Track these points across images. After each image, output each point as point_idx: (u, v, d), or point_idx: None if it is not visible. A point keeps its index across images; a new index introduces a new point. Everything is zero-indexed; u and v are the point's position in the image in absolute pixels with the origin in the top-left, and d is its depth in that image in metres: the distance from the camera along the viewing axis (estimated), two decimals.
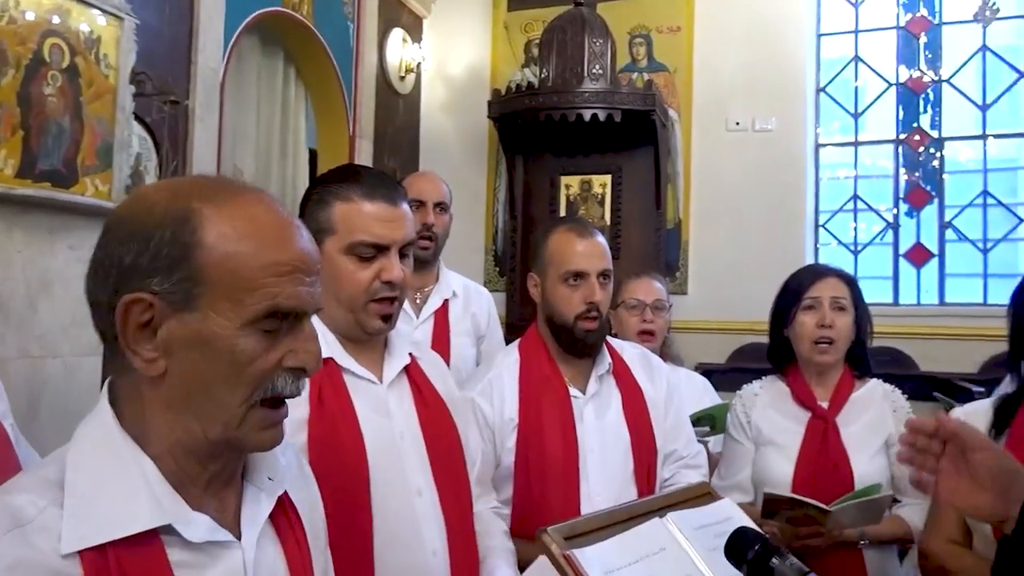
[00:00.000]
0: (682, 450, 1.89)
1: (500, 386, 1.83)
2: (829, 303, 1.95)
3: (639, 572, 1.14)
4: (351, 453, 1.27)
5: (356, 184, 1.37)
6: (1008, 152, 5.22)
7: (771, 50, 5.29)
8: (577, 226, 1.86)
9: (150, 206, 0.80)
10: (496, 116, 5.04)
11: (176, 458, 0.80)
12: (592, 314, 1.78)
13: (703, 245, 5.36)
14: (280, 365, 0.81)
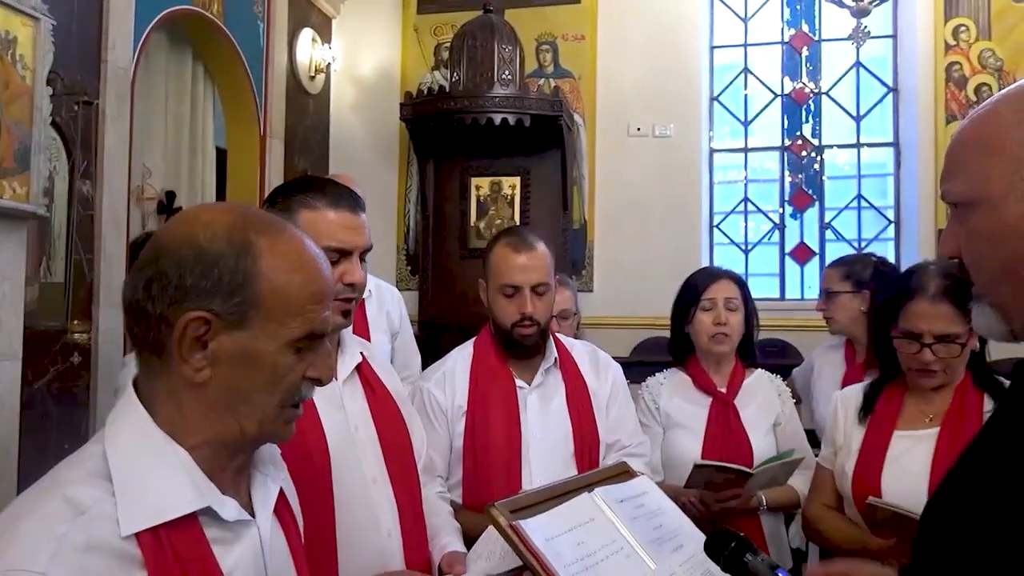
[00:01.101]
0: (625, 440, 2.07)
1: (453, 376, 2.00)
2: (723, 304, 2.20)
3: (573, 539, 1.32)
4: (314, 446, 1.39)
5: (321, 193, 1.49)
6: (879, 159, 5.72)
7: (669, 60, 5.60)
8: (517, 240, 1.99)
9: (212, 234, 0.91)
10: (408, 118, 5.14)
11: (212, 450, 0.92)
12: (526, 323, 1.94)
13: (607, 244, 5.62)
14: (304, 375, 0.95)
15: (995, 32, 5.26)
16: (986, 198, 0.90)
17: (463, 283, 5.32)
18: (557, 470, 1.92)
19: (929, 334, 1.77)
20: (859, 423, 1.93)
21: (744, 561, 1.11)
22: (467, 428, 1.94)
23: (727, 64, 5.87)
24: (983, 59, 5.28)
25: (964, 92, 5.28)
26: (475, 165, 5.39)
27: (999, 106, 0.92)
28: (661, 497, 1.59)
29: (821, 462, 2.02)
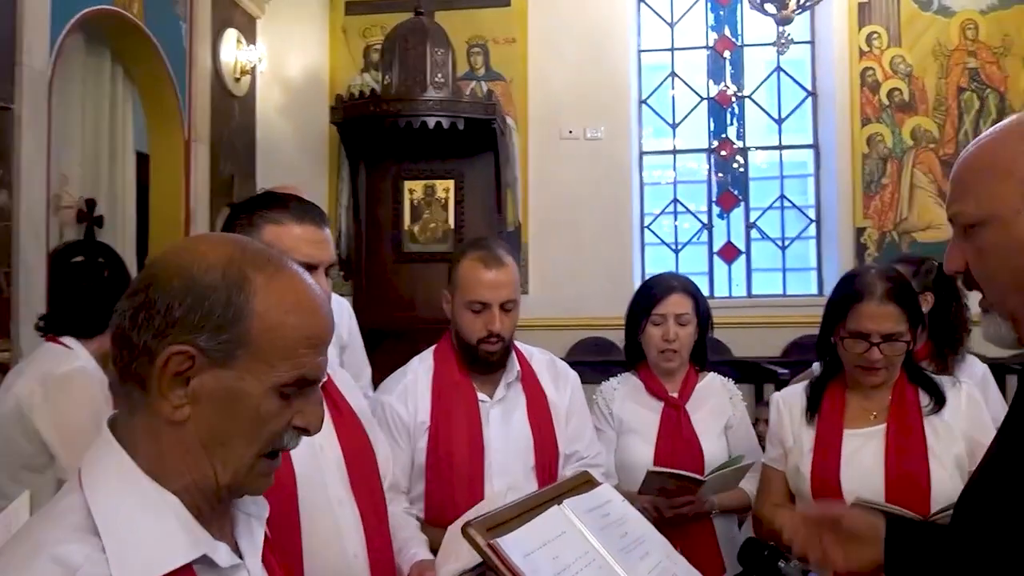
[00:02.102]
0: (584, 451, 2.07)
1: (415, 390, 1.97)
2: (673, 320, 2.23)
3: (549, 553, 1.32)
4: (281, 472, 1.34)
5: (285, 208, 1.46)
6: (800, 159, 5.93)
7: (598, 63, 5.68)
8: (486, 255, 1.95)
9: (206, 266, 0.85)
10: (339, 121, 5.05)
11: (192, 495, 0.87)
12: (492, 339, 1.93)
13: (541, 247, 5.66)
14: (290, 424, 0.90)
15: (905, 39, 5.52)
16: (997, 217, 0.99)
17: (398, 288, 5.29)
18: (518, 483, 1.91)
19: (877, 334, 1.85)
20: (807, 423, 1.99)
21: (778, 567, 1.13)
22: (430, 444, 1.91)
23: (654, 67, 5.99)
24: (894, 65, 5.54)
25: (877, 96, 5.53)
26: (408, 168, 5.35)
27: (1005, 134, 1.02)
28: (624, 504, 1.61)
29: (768, 463, 2.06)
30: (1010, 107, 5.44)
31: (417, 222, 5.38)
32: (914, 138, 5.49)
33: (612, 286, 5.55)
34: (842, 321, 1.91)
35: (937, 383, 1.96)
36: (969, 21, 5.49)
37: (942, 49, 5.50)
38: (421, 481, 1.91)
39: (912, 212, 5.47)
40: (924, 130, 5.49)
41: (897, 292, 1.88)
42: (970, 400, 1.96)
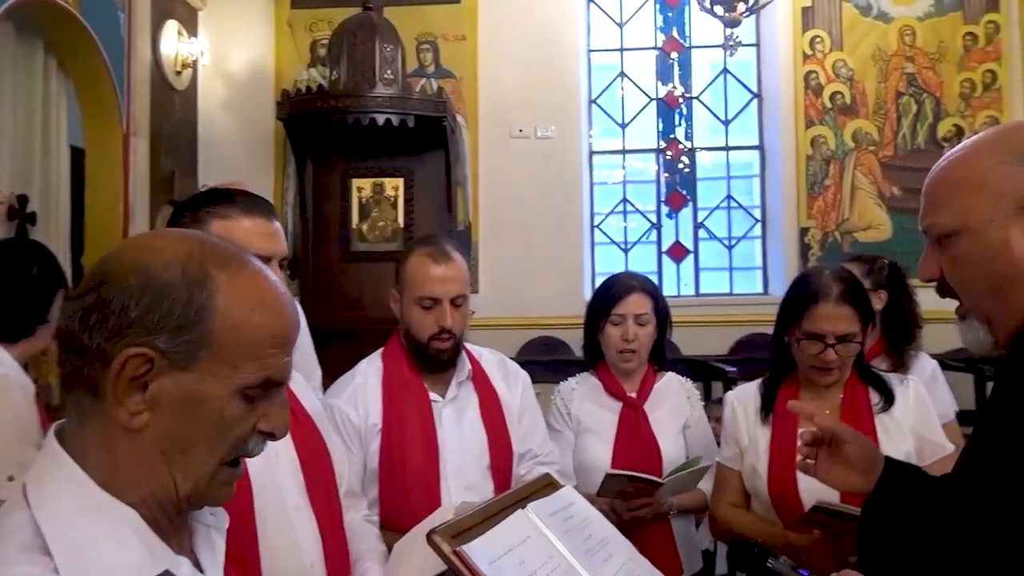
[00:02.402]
0: (537, 449, 2.05)
1: (365, 393, 1.92)
2: (633, 320, 2.22)
3: (515, 559, 1.29)
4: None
5: (231, 203, 1.42)
6: (746, 160, 6.03)
7: (548, 62, 5.68)
8: (435, 250, 1.93)
9: (164, 263, 0.80)
10: (285, 117, 4.94)
11: (150, 508, 0.81)
12: (443, 336, 1.90)
13: (492, 245, 5.64)
14: (255, 428, 0.85)
15: (846, 44, 5.66)
16: (971, 227, 1.04)
17: (346, 288, 5.20)
18: (475, 484, 1.90)
19: (832, 335, 1.87)
20: (762, 423, 2.00)
21: (768, 566, 1.14)
22: (383, 446, 1.87)
23: (603, 67, 6.02)
24: (836, 68, 5.67)
25: (820, 99, 5.66)
26: (356, 166, 5.26)
27: (975, 150, 1.07)
28: (587, 506, 1.59)
29: (724, 462, 2.07)
30: (945, 111, 5.62)
31: (366, 220, 5.30)
32: (855, 140, 5.63)
33: (562, 285, 5.56)
34: (797, 322, 1.93)
35: (886, 381, 2.00)
36: (907, 27, 5.65)
37: (881, 54, 5.65)
38: (374, 485, 1.86)
39: (853, 212, 5.61)
40: (865, 133, 5.63)
41: (851, 293, 1.91)
42: (917, 397, 2.00)
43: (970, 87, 5.63)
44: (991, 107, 5.61)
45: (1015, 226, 1.01)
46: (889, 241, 5.55)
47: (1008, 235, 1.02)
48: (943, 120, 5.62)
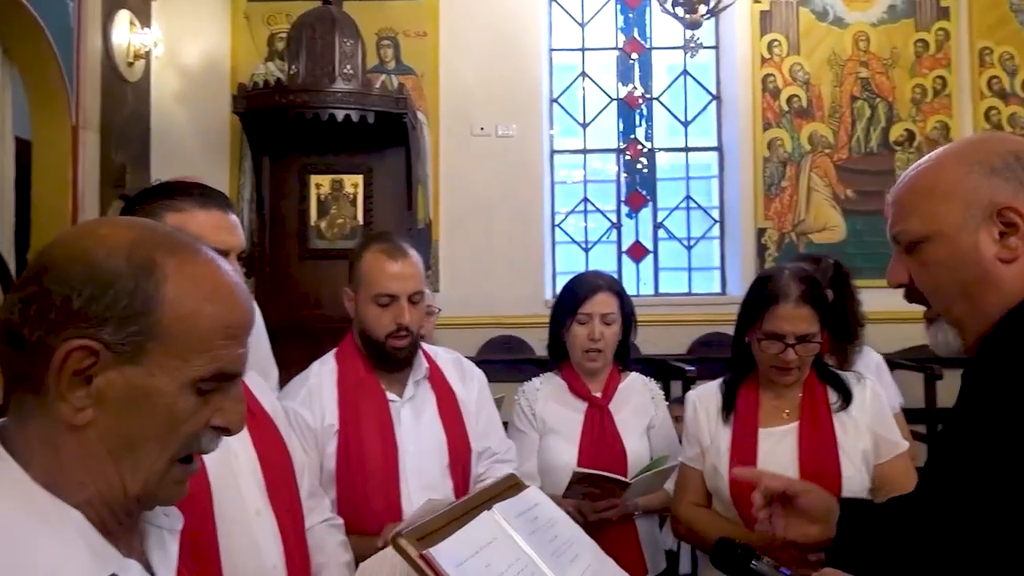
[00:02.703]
0: (495, 447, 2.04)
1: (320, 394, 1.88)
2: (599, 319, 2.22)
3: (481, 561, 1.27)
4: (192, 480, 1.25)
5: (186, 195, 1.38)
6: (705, 161, 6.09)
7: (510, 60, 5.66)
8: (390, 247, 1.91)
9: (109, 250, 0.76)
10: (242, 111, 4.84)
11: (96, 509, 0.78)
12: (401, 333, 1.87)
13: (452, 244, 5.60)
14: (208, 424, 0.82)
15: (803, 48, 5.75)
16: (941, 233, 1.09)
17: (304, 285, 5.12)
18: (434, 484, 1.88)
19: (792, 335, 1.89)
20: (723, 423, 2.01)
21: (751, 567, 1.15)
22: (340, 448, 1.84)
23: (564, 66, 6.03)
24: (793, 72, 5.76)
25: (778, 102, 5.74)
26: (315, 162, 5.18)
27: (943, 160, 1.12)
28: (552, 506, 1.58)
29: (686, 462, 2.08)
30: (897, 116, 5.75)
31: (324, 218, 5.22)
32: (811, 143, 5.72)
33: (523, 284, 5.56)
34: (757, 322, 1.95)
35: (844, 380, 2.03)
36: (861, 33, 5.77)
37: (837, 59, 5.76)
38: (332, 487, 1.82)
39: (809, 214, 5.70)
40: (820, 136, 5.73)
41: (810, 294, 1.93)
42: (874, 395, 2.03)
43: (921, 93, 5.77)
44: (941, 112, 5.76)
45: (984, 231, 1.06)
46: (843, 242, 5.66)
47: (977, 240, 1.06)
48: (895, 124, 5.74)
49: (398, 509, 1.81)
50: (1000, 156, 1.07)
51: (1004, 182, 1.05)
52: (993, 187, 1.05)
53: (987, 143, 1.13)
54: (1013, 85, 5.79)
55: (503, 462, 2.04)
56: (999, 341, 1.06)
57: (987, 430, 1.00)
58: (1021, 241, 1.05)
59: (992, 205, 1.05)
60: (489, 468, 1.99)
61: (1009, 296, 1.05)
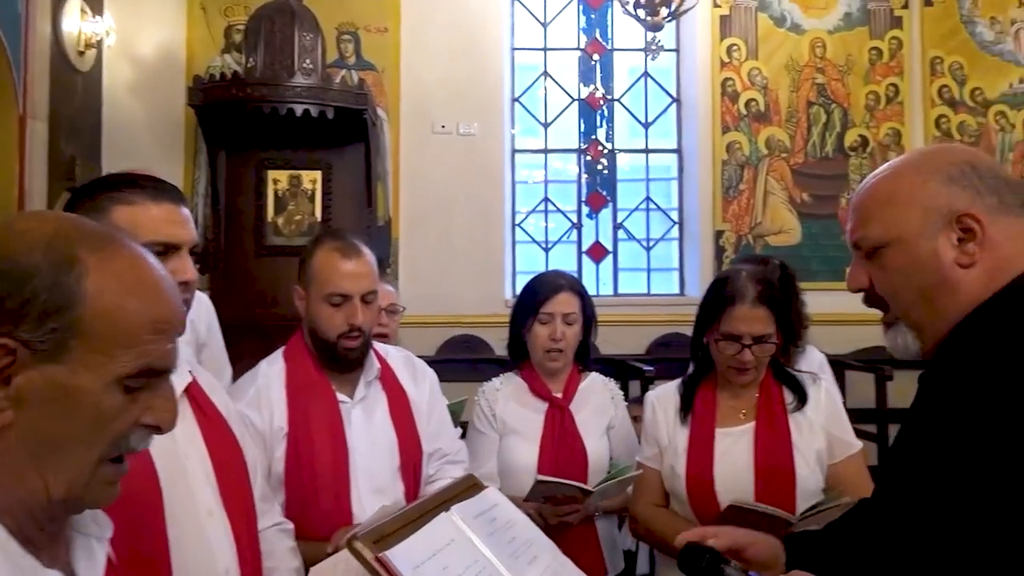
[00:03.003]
0: (446, 447, 2.01)
1: (268, 396, 1.84)
2: (561, 319, 2.21)
3: (439, 564, 1.25)
4: (142, 480, 1.21)
5: (137, 188, 1.32)
6: (665, 163, 6.14)
7: (472, 58, 5.64)
8: (343, 244, 1.87)
9: (29, 244, 0.73)
10: (198, 104, 4.74)
11: (16, 517, 0.74)
12: (353, 334, 1.83)
13: (412, 242, 5.56)
14: (137, 422, 0.79)
15: (761, 53, 5.83)
16: (901, 239, 1.11)
17: (260, 283, 5.03)
18: (384, 486, 1.85)
19: (749, 336, 1.91)
20: (681, 423, 2.03)
21: (721, 569, 1.14)
22: (289, 451, 1.79)
23: (527, 66, 6.02)
24: (752, 76, 5.83)
25: (736, 106, 5.81)
26: (272, 157, 5.09)
27: (903, 169, 1.16)
28: (511, 508, 1.57)
29: (645, 462, 2.08)
30: (852, 122, 5.86)
31: (281, 214, 5.13)
32: (768, 147, 5.81)
33: (483, 284, 5.54)
34: (715, 323, 1.96)
35: (800, 381, 2.05)
36: (818, 40, 5.87)
37: (794, 64, 5.85)
38: (280, 491, 1.78)
39: (766, 217, 5.78)
40: (777, 140, 5.81)
41: (767, 295, 1.95)
42: (829, 396, 2.06)
43: (875, 99, 5.89)
44: (893, 119, 5.89)
45: (943, 237, 1.08)
46: (798, 245, 5.75)
47: (936, 246, 1.09)
48: (850, 130, 5.86)
49: (348, 512, 1.77)
50: (956, 165, 1.10)
51: (962, 190, 1.09)
52: (951, 195, 1.09)
53: (942, 153, 1.17)
54: (962, 94, 5.95)
55: (454, 463, 2.02)
56: (956, 345, 1.09)
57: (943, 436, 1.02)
58: (978, 247, 1.07)
59: (951, 212, 1.08)
60: (440, 469, 1.97)
61: (966, 301, 1.08)
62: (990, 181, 1.09)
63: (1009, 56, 6.01)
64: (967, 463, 0.97)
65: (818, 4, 5.87)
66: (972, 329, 1.07)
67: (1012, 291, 1.06)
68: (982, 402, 0.98)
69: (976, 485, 0.95)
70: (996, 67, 5.99)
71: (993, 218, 1.07)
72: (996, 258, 1.07)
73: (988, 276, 1.07)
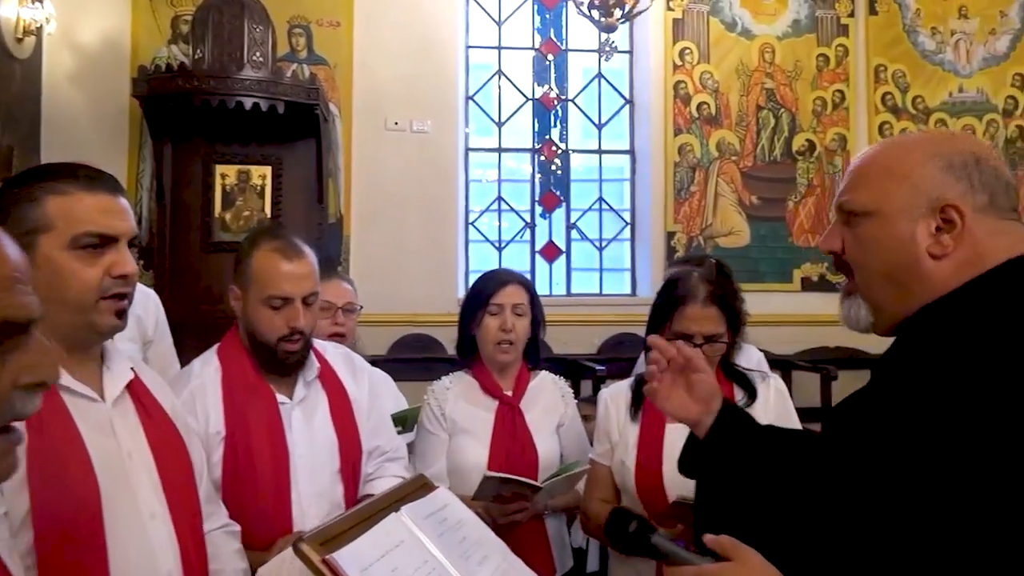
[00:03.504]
0: (384, 445, 1.97)
1: (204, 398, 1.77)
2: (511, 310, 2.20)
3: (387, 565, 1.23)
4: (80, 482, 1.17)
5: (71, 177, 1.27)
6: (618, 164, 6.18)
7: (426, 55, 5.59)
8: (283, 244, 1.80)
9: None
10: (143, 95, 4.61)
11: None
12: (294, 337, 1.77)
13: (364, 240, 5.49)
14: (15, 385, 0.74)
15: (713, 57, 5.91)
16: (883, 212, 1.09)
17: (207, 279, 4.91)
18: (325, 488, 1.81)
19: (700, 335, 1.93)
20: (632, 419, 2.04)
21: (647, 537, 1.13)
22: (227, 455, 1.73)
23: (481, 64, 6.01)
24: (703, 80, 5.91)
25: (688, 108, 5.88)
26: (220, 151, 4.97)
27: (912, 144, 1.14)
28: (461, 507, 1.55)
29: (596, 459, 2.09)
30: (799, 126, 5.98)
31: (229, 209, 5.02)
32: (719, 150, 5.89)
33: (435, 282, 5.50)
34: (667, 323, 1.98)
35: (750, 379, 2.08)
36: (767, 45, 5.97)
37: (744, 69, 5.94)
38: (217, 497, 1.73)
39: (716, 219, 5.86)
40: (727, 143, 5.90)
41: (718, 295, 1.97)
42: (778, 393, 2.10)
43: (822, 105, 6.02)
44: (839, 125, 6.03)
45: (923, 223, 1.07)
46: (747, 247, 5.85)
47: (915, 229, 1.07)
48: (797, 134, 5.98)
49: (288, 517, 1.73)
50: (961, 155, 1.08)
51: (956, 180, 1.07)
52: (944, 182, 1.07)
53: (956, 140, 1.15)
54: (904, 102, 6.12)
55: (393, 460, 1.99)
56: (916, 335, 1.08)
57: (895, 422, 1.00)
58: (954, 240, 1.06)
59: (938, 200, 1.06)
60: (379, 467, 1.94)
61: (930, 290, 1.07)
62: (988, 178, 1.07)
63: (949, 66, 6.20)
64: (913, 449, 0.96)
65: (768, 11, 5.98)
66: (933, 320, 1.06)
67: (979, 284, 1.04)
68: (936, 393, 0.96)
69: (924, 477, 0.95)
70: (937, 76, 6.17)
71: (978, 215, 1.06)
72: (970, 254, 1.05)
73: (957, 269, 1.06)
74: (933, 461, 0.93)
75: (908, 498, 0.94)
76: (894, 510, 0.95)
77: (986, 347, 0.96)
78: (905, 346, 1.09)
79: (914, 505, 0.93)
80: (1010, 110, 6.26)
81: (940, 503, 0.91)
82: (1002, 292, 1.02)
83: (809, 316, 5.50)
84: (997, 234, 1.06)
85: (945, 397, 0.95)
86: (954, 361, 0.98)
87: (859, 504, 0.99)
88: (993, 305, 1.01)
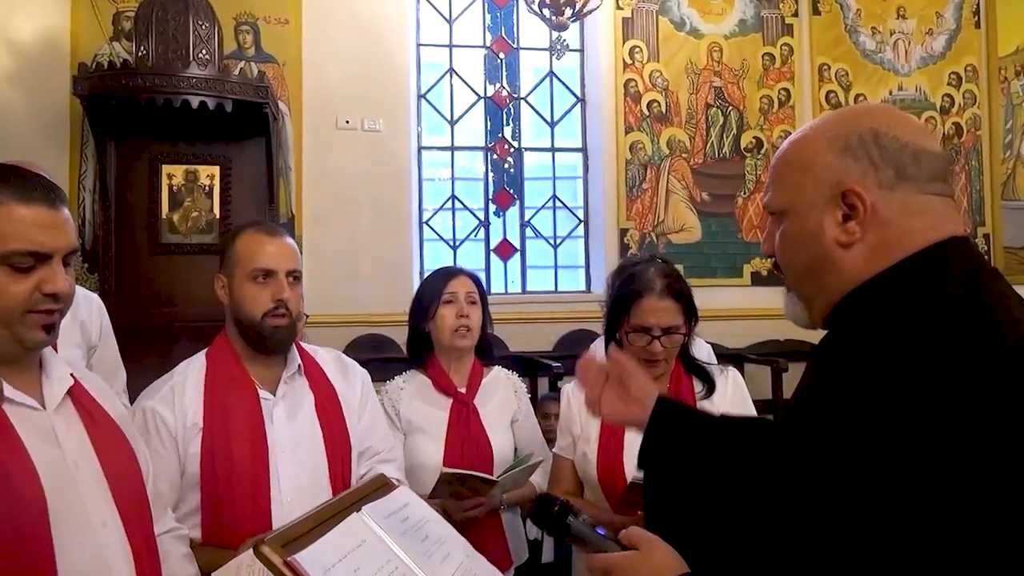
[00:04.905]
0: (377, 446, 1.97)
1: (183, 392, 1.77)
2: (464, 297, 2.23)
3: (350, 566, 1.22)
4: (26, 493, 1.12)
5: (5, 185, 1.20)
6: (571, 162, 6.21)
7: (376, 53, 5.54)
8: (266, 227, 1.89)
9: None
10: (85, 93, 4.48)
11: None
12: (280, 311, 1.80)
13: (316, 240, 5.42)
14: None
15: (662, 56, 5.98)
16: (795, 208, 1.07)
17: (155, 282, 4.81)
18: (308, 486, 1.80)
19: (658, 327, 1.95)
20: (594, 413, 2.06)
21: (567, 523, 1.13)
22: (204, 448, 1.72)
23: (433, 63, 5.98)
24: (653, 78, 5.97)
25: (639, 106, 5.94)
26: (167, 151, 4.87)
27: (814, 132, 1.08)
28: (422, 505, 1.55)
29: (559, 452, 2.12)
30: (747, 124, 6.09)
31: (177, 210, 4.92)
32: (670, 147, 5.96)
33: (390, 282, 5.45)
34: (625, 316, 2.00)
35: (708, 372, 2.12)
36: (715, 44, 6.06)
37: (693, 67, 6.02)
38: (195, 493, 1.70)
39: (668, 215, 5.93)
40: (678, 141, 5.97)
41: (674, 288, 2.00)
42: (735, 385, 2.14)
43: (768, 103, 6.14)
44: (786, 122, 6.15)
45: (829, 213, 1.03)
46: (699, 243, 5.94)
47: (823, 220, 1.03)
48: (745, 132, 6.08)
49: (267, 513, 1.71)
50: (857, 133, 1.02)
51: (854, 162, 1.01)
52: (843, 167, 1.02)
53: (849, 119, 1.07)
54: (847, 99, 6.27)
55: (386, 461, 1.98)
56: (838, 326, 1.06)
57: (820, 416, 0.95)
58: (860, 226, 1.01)
59: (838, 186, 1.02)
60: (371, 468, 1.93)
61: (846, 280, 1.03)
62: (891, 152, 1.00)
63: (889, 65, 6.38)
64: (840, 456, 0.90)
65: (715, 10, 6.07)
66: (850, 310, 1.03)
67: (890, 276, 1.00)
68: (851, 389, 0.92)
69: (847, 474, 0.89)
70: (877, 75, 6.34)
71: (886, 193, 1.00)
72: (882, 238, 1.01)
73: (871, 256, 1.01)
74: (849, 457, 0.88)
75: (828, 492, 0.90)
76: (814, 499, 0.92)
77: (891, 343, 0.93)
78: (832, 338, 1.07)
79: (836, 498, 0.89)
80: (947, 107, 6.46)
81: (854, 509, 0.88)
82: (909, 285, 0.98)
83: (759, 310, 5.60)
84: (913, 214, 1.00)
85: (858, 391, 0.91)
86: (866, 356, 0.94)
87: (781, 495, 0.97)
88: (899, 299, 0.97)
